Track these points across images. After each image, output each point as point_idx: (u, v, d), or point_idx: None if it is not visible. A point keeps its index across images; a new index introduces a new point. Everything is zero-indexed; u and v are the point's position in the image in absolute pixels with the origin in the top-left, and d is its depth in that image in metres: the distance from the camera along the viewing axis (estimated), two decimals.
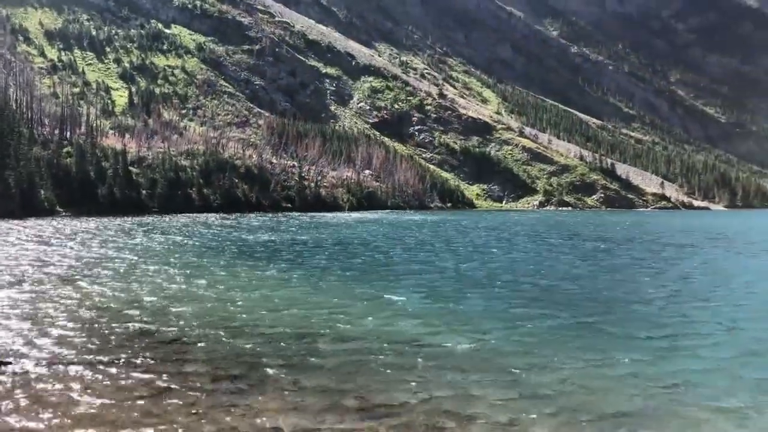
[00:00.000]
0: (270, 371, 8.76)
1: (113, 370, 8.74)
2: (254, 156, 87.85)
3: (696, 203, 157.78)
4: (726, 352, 10.12)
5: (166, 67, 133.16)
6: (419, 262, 22.06)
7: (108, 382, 8.27)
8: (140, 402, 7.58)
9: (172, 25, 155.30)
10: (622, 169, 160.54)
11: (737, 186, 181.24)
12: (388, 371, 8.75)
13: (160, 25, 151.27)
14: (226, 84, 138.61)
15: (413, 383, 8.25)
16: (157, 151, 76.00)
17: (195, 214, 61.60)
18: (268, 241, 30.25)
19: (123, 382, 8.29)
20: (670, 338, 10.96)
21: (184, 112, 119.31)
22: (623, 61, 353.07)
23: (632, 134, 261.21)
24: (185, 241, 29.73)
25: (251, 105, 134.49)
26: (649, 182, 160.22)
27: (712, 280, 19.04)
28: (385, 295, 14.55)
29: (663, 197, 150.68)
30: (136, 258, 22.28)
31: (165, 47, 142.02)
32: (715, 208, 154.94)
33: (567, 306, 13.75)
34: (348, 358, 9.42)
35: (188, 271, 18.45)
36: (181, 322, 11.55)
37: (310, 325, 11.30)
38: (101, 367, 8.90)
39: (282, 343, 10.16)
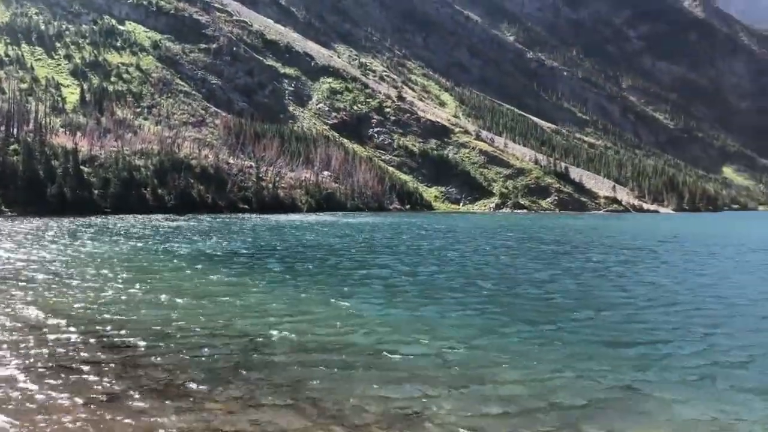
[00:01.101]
0: (222, 376, 8.68)
1: (59, 378, 8.57)
2: (210, 156, 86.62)
3: (646, 206, 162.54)
4: (683, 353, 10.36)
5: (120, 65, 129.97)
6: (374, 266, 22.21)
7: (54, 390, 8.10)
8: (89, 409, 7.46)
9: (126, 22, 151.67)
10: (575, 172, 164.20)
11: (684, 190, 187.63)
12: (343, 375, 8.77)
13: (113, 22, 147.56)
14: (182, 83, 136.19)
15: (368, 387, 8.31)
16: (110, 150, 74.22)
17: (149, 215, 60.37)
18: (213, 244, 29.95)
19: (69, 390, 8.09)
20: (630, 339, 11.31)
21: (138, 110, 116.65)
22: (577, 67, 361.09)
23: (585, 139, 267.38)
24: (130, 243, 29.19)
25: (208, 104, 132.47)
26: (601, 186, 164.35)
27: (669, 281, 19.73)
28: (339, 301, 14.63)
29: (614, 200, 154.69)
30: (69, 261, 21.80)
31: (119, 44, 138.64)
32: (663, 211, 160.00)
33: (524, 310, 14.07)
34: (301, 362, 9.40)
35: (131, 276, 18.18)
36: (127, 329, 11.34)
37: (263, 331, 11.24)
38: (44, 374, 8.73)
39: (234, 349, 10.09)
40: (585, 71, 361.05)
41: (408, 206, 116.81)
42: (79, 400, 7.69)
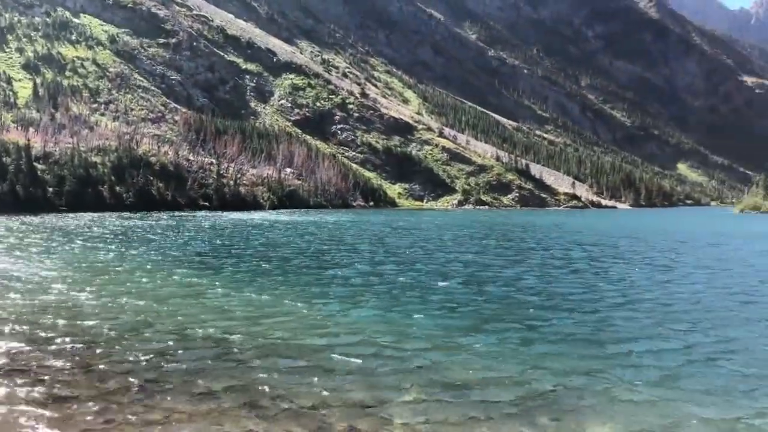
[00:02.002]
0: (180, 378, 8.53)
1: (17, 380, 8.38)
2: (170, 153, 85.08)
3: (604, 202, 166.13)
4: (648, 350, 10.50)
5: (75, 59, 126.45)
6: (337, 266, 22.21)
7: (11, 391, 7.92)
8: (47, 412, 7.30)
9: (81, 15, 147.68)
10: (536, 169, 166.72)
11: (641, 186, 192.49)
12: (304, 376, 8.73)
13: (67, 14, 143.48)
14: (141, 78, 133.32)
15: (329, 386, 8.31)
16: (65, 147, 72.23)
17: (107, 213, 58.99)
18: (168, 244, 29.51)
19: (27, 392, 7.90)
20: (595, 336, 11.52)
21: (95, 106, 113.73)
22: (537, 65, 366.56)
23: (546, 136, 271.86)
24: (81, 243, 28.54)
25: (167, 100, 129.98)
26: (561, 182, 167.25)
27: (636, 277, 20.19)
28: (300, 302, 14.56)
29: (574, 197, 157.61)
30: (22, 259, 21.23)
31: (74, 37, 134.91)
32: (621, 207, 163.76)
33: (488, 308, 14.20)
34: (261, 363, 9.29)
35: (81, 277, 17.80)
36: (77, 333, 11.07)
37: (221, 332, 11.08)
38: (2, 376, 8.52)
39: (192, 350, 9.94)
40: (545, 70, 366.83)
41: (372, 203, 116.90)
42: (33, 403, 7.51)
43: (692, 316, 12.96)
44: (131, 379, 8.40)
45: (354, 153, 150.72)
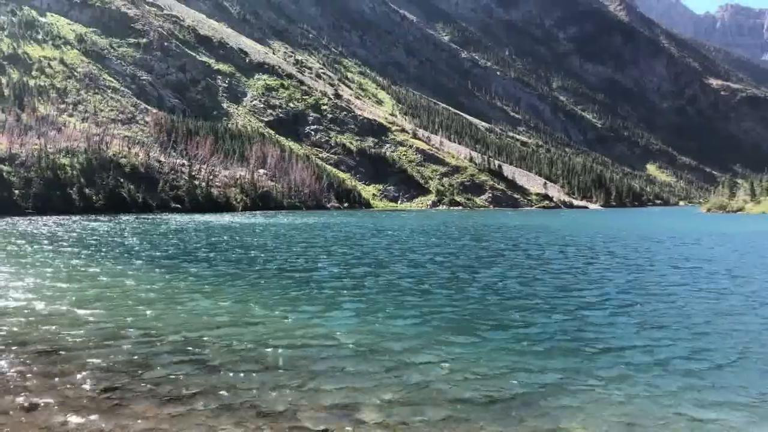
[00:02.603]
0: (154, 382, 8.42)
1: None
2: (141, 154, 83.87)
3: (576, 203, 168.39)
4: (622, 349, 10.75)
5: (42, 58, 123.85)
6: (309, 269, 22.14)
7: None
8: (10, 420, 7.14)
9: (48, 14, 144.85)
10: (508, 170, 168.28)
11: (612, 187, 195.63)
12: (278, 378, 8.68)
13: (33, 13, 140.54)
14: (110, 78, 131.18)
15: (304, 389, 8.28)
16: (32, 148, 70.66)
17: (75, 216, 57.91)
18: (132, 247, 29.11)
19: None
20: (569, 336, 11.67)
21: (62, 107, 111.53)
22: (509, 67, 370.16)
23: (518, 137, 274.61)
24: (46, 246, 28.01)
25: (138, 101, 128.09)
26: (533, 183, 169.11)
27: (611, 275, 20.46)
28: (274, 304, 14.50)
29: (546, 197, 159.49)
30: None
31: (40, 37, 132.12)
32: (592, 207, 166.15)
33: (462, 310, 14.27)
34: (235, 365, 9.19)
35: (45, 283, 17.47)
36: (48, 338, 10.84)
37: (193, 335, 10.98)
38: None
39: (164, 353, 9.82)
40: (517, 71, 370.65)
41: (346, 204, 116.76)
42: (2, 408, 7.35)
43: (669, 315, 13.19)
44: (98, 385, 8.25)
45: (328, 154, 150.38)
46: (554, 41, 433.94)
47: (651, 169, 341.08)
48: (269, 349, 10.02)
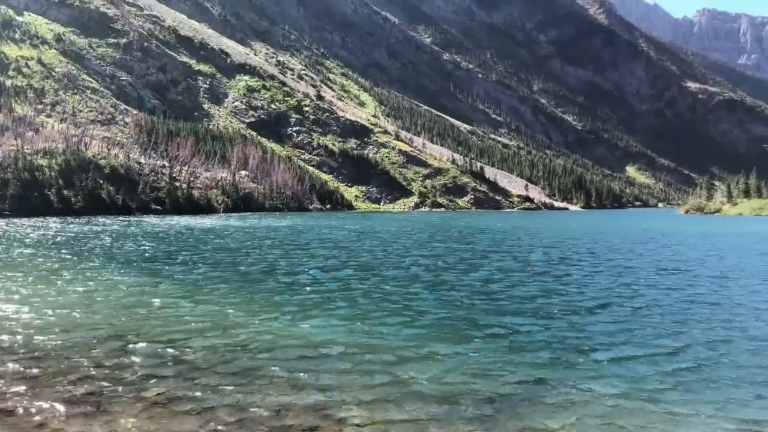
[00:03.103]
0: (134, 385, 8.31)
1: None
2: (121, 156, 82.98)
3: (556, 204, 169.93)
4: (602, 349, 10.92)
5: (19, 58, 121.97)
6: (291, 273, 22.10)
7: None
8: None
9: (25, 13, 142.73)
10: (490, 172, 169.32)
11: (592, 188, 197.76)
12: (259, 381, 8.60)
13: (10, 12, 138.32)
14: (90, 79, 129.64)
15: (286, 392, 8.23)
16: (9, 149, 69.58)
17: (52, 217, 57.13)
18: (105, 250, 28.82)
19: None
20: (546, 336, 11.75)
21: (40, 107, 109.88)
22: (491, 70, 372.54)
23: (499, 139, 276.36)
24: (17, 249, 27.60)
25: (117, 102, 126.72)
26: (514, 185, 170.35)
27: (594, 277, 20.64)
28: (255, 307, 14.44)
29: (527, 198, 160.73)
30: None
31: (17, 36, 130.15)
32: (573, 209, 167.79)
33: (442, 311, 14.28)
34: (217, 368, 9.11)
35: (19, 286, 17.23)
36: (26, 341, 10.72)
37: (173, 338, 10.89)
38: None
39: (145, 357, 9.71)
40: (498, 74, 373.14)
41: (329, 206, 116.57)
42: None
43: (651, 315, 13.35)
44: (78, 389, 8.15)
45: (310, 155, 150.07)
46: (535, 44, 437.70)
47: (630, 171, 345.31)
48: (251, 352, 9.96)
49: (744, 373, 8.99)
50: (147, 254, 25.34)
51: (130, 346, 10.23)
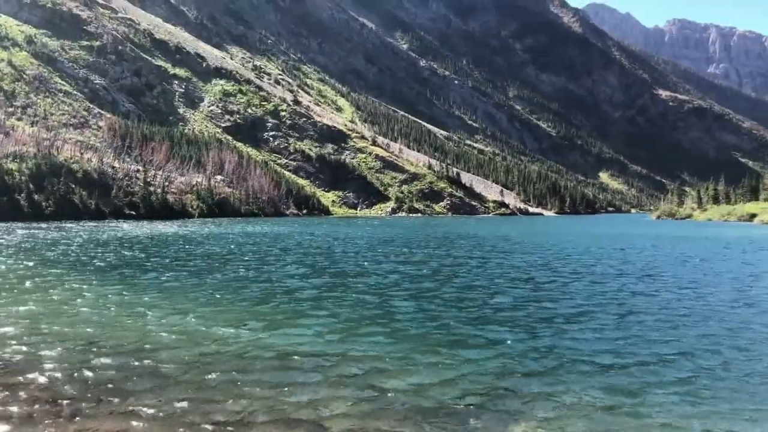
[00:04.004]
0: (99, 394, 8.20)
1: None
2: (94, 160, 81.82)
3: (531, 209, 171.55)
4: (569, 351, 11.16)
5: None
6: (261, 279, 22.03)
7: None
8: None
9: None
10: (466, 177, 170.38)
11: (566, 194, 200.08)
12: (232, 389, 8.56)
13: None
14: (62, 81, 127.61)
15: (262, 395, 8.21)
16: None
17: (21, 222, 56.01)
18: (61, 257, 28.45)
19: None
20: (516, 338, 11.94)
21: (11, 110, 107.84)
22: (467, 76, 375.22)
23: (475, 145, 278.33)
24: None
25: (90, 105, 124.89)
26: (490, 190, 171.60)
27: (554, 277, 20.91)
28: (228, 311, 14.41)
29: (502, 204, 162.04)
30: None
31: None
32: (547, 214, 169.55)
33: (418, 319, 14.36)
34: (191, 373, 9.06)
35: None
36: None
37: (146, 343, 10.80)
38: None
39: (118, 363, 9.61)
40: (474, 80, 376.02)
41: (305, 211, 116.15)
42: None
43: (627, 321, 13.62)
44: (43, 397, 8.04)
45: (287, 160, 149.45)
46: (510, 51, 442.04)
47: (603, 177, 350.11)
48: (225, 362, 9.85)
49: (722, 384, 9.13)
50: (116, 261, 24.99)
51: (96, 356, 10.05)
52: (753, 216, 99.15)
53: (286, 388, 8.54)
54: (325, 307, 14.39)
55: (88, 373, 9.08)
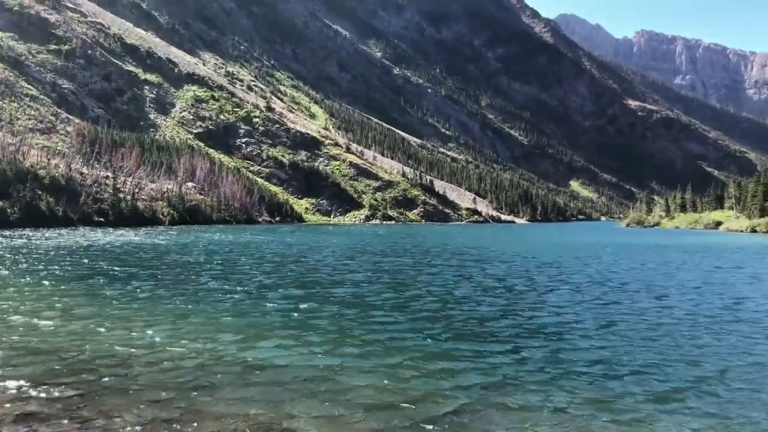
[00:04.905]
0: (66, 405, 8.02)
1: None
2: (62, 166, 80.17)
3: (503, 217, 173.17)
4: (537, 356, 11.23)
5: None
6: (230, 289, 21.83)
7: None
8: None
9: None
10: (439, 185, 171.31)
11: (537, 202, 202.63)
12: (201, 392, 8.49)
13: None
14: (28, 86, 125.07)
15: (228, 401, 8.13)
16: None
17: None
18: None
19: None
20: (488, 341, 12.00)
21: None
22: (440, 85, 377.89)
23: (448, 153, 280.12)
24: None
25: (58, 110, 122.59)
26: (463, 198, 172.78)
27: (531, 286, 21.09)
28: (195, 316, 14.22)
29: (475, 212, 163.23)
30: None
31: None
32: (519, 222, 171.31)
33: (386, 329, 14.38)
34: (157, 380, 8.93)
35: None
36: None
37: (110, 351, 10.58)
38: None
39: (78, 378, 9.36)
40: (447, 89, 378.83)
41: (278, 218, 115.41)
42: None
43: (594, 327, 13.78)
44: (11, 407, 7.84)
45: (259, 167, 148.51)
46: (483, 60, 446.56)
47: (574, 185, 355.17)
48: (190, 368, 9.70)
49: (706, 393, 9.31)
50: (81, 271, 24.51)
51: (63, 364, 9.82)
52: (719, 224, 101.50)
53: (253, 396, 8.43)
54: (296, 319, 14.22)
55: (56, 385, 8.82)
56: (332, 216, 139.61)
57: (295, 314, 14.35)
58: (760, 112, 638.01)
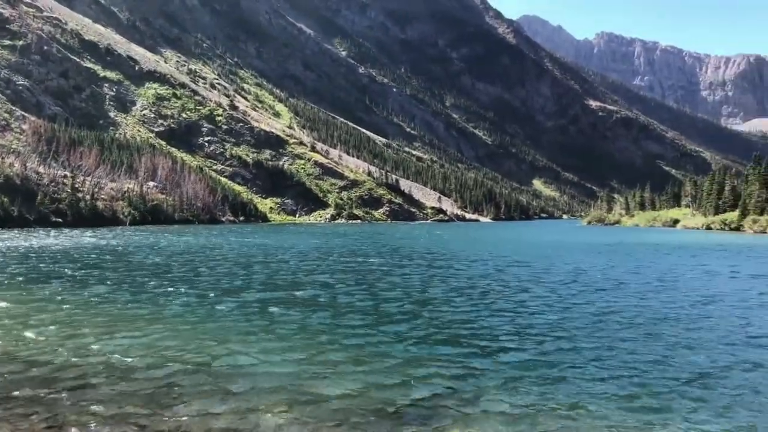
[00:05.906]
0: (32, 404, 7.87)
1: None
2: (17, 165, 77.79)
3: (468, 216, 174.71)
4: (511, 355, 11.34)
5: None
6: (190, 291, 21.52)
7: None
8: None
9: None
10: (405, 184, 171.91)
11: (501, 201, 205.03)
12: (167, 395, 8.35)
13: None
14: None
15: (194, 405, 8.02)
16: None
17: None
18: None
19: None
20: (458, 342, 12.05)
21: None
22: (405, 84, 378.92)
23: (414, 152, 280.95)
24: None
25: (13, 107, 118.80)
26: (428, 197, 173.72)
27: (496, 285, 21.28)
28: (159, 319, 14.00)
29: (440, 210, 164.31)
30: None
31: None
32: (484, 220, 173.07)
33: (352, 322, 14.37)
34: (121, 384, 8.80)
35: None
36: None
37: (73, 355, 10.33)
38: None
39: (43, 375, 9.15)
40: (412, 88, 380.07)
41: (242, 218, 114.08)
42: None
43: (557, 325, 13.97)
44: None
45: (223, 166, 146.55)
46: (447, 61, 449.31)
47: (537, 184, 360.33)
48: (159, 367, 9.59)
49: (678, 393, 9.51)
50: (32, 274, 23.82)
51: (17, 373, 9.56)
52: (676, 221, 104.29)
53: (219, 399, 8.33)
54: (259, 324, 14.10)
55: (19, 388, 8.59)
56: (297, 215, 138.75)
57: (260, 319, 14.20)
58: (714, 113, 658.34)
